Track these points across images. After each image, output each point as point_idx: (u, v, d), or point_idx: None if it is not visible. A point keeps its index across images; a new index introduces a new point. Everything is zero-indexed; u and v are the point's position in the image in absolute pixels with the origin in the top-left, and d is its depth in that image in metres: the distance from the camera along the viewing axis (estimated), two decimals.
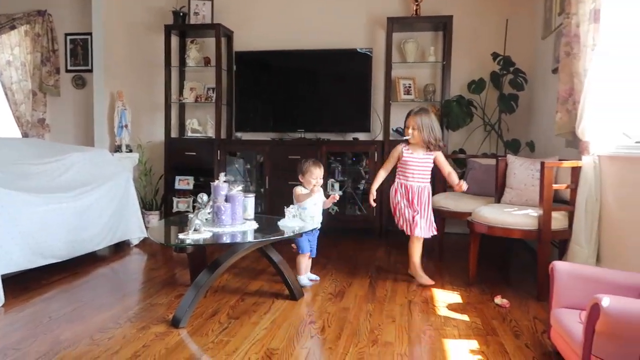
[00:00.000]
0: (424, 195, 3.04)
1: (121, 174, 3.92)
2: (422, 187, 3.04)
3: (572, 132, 2.92)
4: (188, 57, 4.99)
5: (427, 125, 2.99)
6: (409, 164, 3.05)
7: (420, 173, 3.05)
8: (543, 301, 2.67)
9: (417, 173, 3.04)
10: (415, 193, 3.03)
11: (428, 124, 2.99)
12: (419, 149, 3.05)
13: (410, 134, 3.02)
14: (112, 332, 2.26)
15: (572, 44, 2.90)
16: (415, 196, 3.03)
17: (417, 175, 3.04)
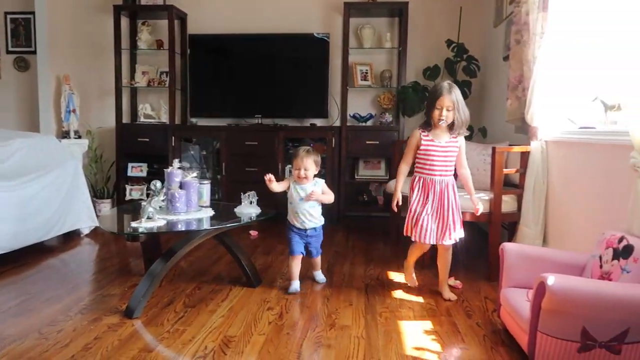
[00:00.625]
0: (450, 192, 2.50)
1: (69, 161, 3.76)
2: (447, 181, 2.50)
3: (522, 118, 3.02)
4: (139, 40, 4.81)
5: (462, 103, 2.46)
6: (431, 152, 2.47)
7: (444, 163, 2.48)
8: (493, 282, 2.77)
9: (441, 164, 2.47)
10: (439, 189, 2.48)
11: (462, 101, 2.47)
12: (442, 134, 2.48)
13: (444, 117, 2.42)
14: (61, 325, 2.18)
15: (522, 32, 2.98)
16: (438, 194, 2.48)
17: (440, 166, 2.47)
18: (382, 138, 4.46)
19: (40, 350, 1.94)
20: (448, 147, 2.48)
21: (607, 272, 1.86)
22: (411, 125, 4.64)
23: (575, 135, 2.61)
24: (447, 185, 2.50)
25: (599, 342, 1.69)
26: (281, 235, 3.93)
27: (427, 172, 2.49)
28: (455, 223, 2.49)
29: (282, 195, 4.62)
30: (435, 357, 1.91)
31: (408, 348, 1.98)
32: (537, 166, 2.84)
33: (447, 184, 2.50)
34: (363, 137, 4.48)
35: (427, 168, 2.49)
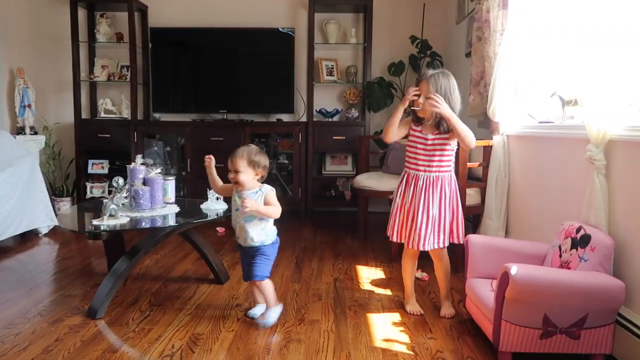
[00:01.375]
0: (436, 191, 2.21)
1: (25, 158, 3.61)
2: (433, 177, 2.21)
3: (484, 113, 3.09)
4: (98, 32, 4.66)
5: (449, 93, 2.17)
6: (416, 145, 2.24)
7: (429, 159, 2.21)
8: (459, 273, 2.83)
9: (425, 158, 2.22)
10: (421, 186, 2.22)
11: (450, 91, 2.18)
12: (430, 127, 2.23)
13: (420, 104, 2.18)
14: (19, 327, 2.09)
15: (483, 28, 3.05)
16: (421, 191, 2.21)
17: (425, 161, 2.22)
18: (348, 133, 4.48)
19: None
20: (434, 141, 2.21)
21: (566, 261, 1.93)
22: (377, 121, 4.68)
23: (535, 129, 2.69)
24: (434, 182, 2.21)
25: (559, 328, 1.76)
26: None
27: (412, 167, 2.25)
28: (441, 226, 2.22)
29: None
30: (404, 348, 1.94)
31: (377, 340, 2.00)
32: (499, 160, 2.92)
33: (432, 181, 2.21)
34: (329, 133, 4.49)
35: (412, 162, 2.26)
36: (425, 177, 2.22)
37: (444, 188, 2.22)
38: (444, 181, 2.22)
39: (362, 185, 3.67)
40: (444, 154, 2.22)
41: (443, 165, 2.22)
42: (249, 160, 2.07)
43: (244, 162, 2.07)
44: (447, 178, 2.23)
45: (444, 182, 2.22)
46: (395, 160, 3.85)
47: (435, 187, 2.21)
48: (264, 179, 2.15)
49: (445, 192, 2.22)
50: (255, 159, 2.08)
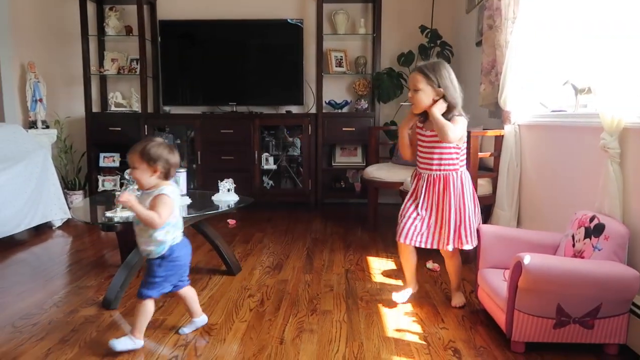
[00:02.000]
0: (439, 189, 2.13)
1: (38, 152, 3.65)
2: (437, 176, 2.14)
3: (495, 102, 3.07)
4: (107, 26, 4.67)
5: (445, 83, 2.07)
6: (419, 143, 2.19)
7: (428, 156, 2.15)
8: (470, 263, 2.83)
9: (425, 156, 2.16)
10: (424, 185, 2.17)
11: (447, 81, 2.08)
12: (430, 123, 2.12)
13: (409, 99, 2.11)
14: (36, 318, 2.13)
15: (494, 17, 3.02)
16: (425, 190, 2.16)
17: (425, 159, 2.17)
18: (358, 124, 4.47)
19: (15, 344, 1.89)
20: (432, 138, 2.12)
21: (579, 251, 1.92)
22: (386, 112, 4.67)
23: (547, 118, 2.67)
24: (436, 181, 2.14)
25: (573, 318, 1.75)
26: (259, 223, 3.93)
27: (418, 165, 2.21)
28: (450, 228, 2.13)
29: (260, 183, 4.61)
30: (416, 338, 1.94)
31: (389, 330, 2.01)
32: (510, 149, 2.90)
33: (435, 180, 2.14)
34: (339, 124, 4.48)
35: (418, 161, 2.21)
36: (427, 176, 2.16)
37: (448, 188, 2.12)
38: (448, 180, 2.12)
39: (372, 177, 3.67)
40: (443, 151, 2.11)
41: (444, 163, 2.12)
42: (142, 154, 1.78)
43: (137, 156, 1.79)
44: (452, 177, 2.12)
45: (447, 182, 2.12)
46: None
47: (438, 187, 2.13)
48: (170, 177, 1.85)
49: (450, 192, 2.12)
50: (150, 152, 1.77)
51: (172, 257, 1.84)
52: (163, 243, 1.82)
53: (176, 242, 1.86)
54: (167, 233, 1.82)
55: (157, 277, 1.84)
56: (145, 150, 1.77)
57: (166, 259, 1.84)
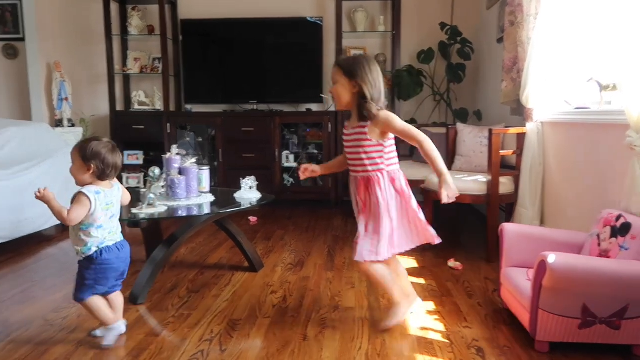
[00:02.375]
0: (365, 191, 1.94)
1: (64, 150, 3.72)
2: (362, 178, 1.94)
3: (517, 100, 3.04)
4: (130, 25, 4.75)
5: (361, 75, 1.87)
6: (344, 142, 2.01)
7: (352, 156, 1.96)
8: (492, 262, 2.82)
9: (350, 157, 1.98)
10: (354, 189, 2.00)
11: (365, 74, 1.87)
12: (352, 119, 1.97)
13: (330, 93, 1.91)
14: (66, 311, 2.19)
15: (516, 13, 2.99)
16: (358, 194, 1.98)
17: (350, 159, 1.98)
18: None
19: (46, 336, 1.95)
20: (355, 135, 1.93)
21: (605, 250, 1.90)
22: (406, 109, 4.65)
23: (571, 116, 2.63)
24: (362, 183, 1.94)
25: (599, 319, 1.74)
26: (280, 221, 3.96)
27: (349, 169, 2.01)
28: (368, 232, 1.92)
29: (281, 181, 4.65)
30: (439, 336, 1.95)
31: (412, 328, 2.02)
32: (533, 147, 2.87)
33: (361, 180, 1.94)
34: None
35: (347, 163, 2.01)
36: (354, 178, 1.98)
37: (374, 190, 1.90)
38: (373, 182, 1.91)
39: None
40: (365, 150, 1.90)
41: (366, 164, 1.91)
42: (79, 150, 1.79)
43: (75, 151, 1.81)
44: (376, 179, 1.90)
45: (372, 183, 1.91)
46: None
47: (364, 189, 1.93)
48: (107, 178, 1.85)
49: (375, 194, 1.90)
50: (87, 150, 1.78)
51: (101, 260, 1.82)
52: (86, 243, 1.81)
53: (106, 246, 1.83)
54: (90, 234, 1.80)
55: (87, 280, 1.84)
56: (83, 147, 1.78)
57: (94, 262, 1.82)
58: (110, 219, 1.85)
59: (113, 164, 1.82)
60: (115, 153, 1.83)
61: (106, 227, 1.84)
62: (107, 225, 1.85)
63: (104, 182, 1.84)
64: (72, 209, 1.75)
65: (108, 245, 1.84)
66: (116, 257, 1.85)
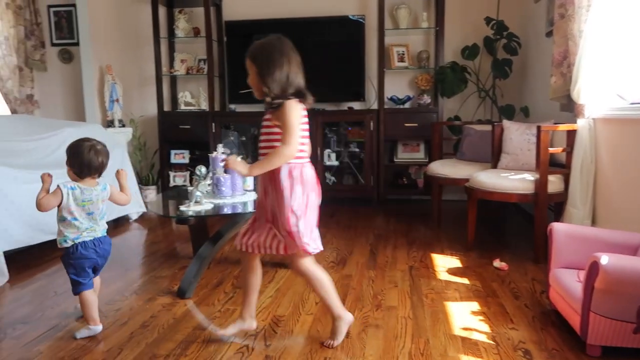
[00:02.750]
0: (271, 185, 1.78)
1: (115, 150, 3.87)
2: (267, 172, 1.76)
3: (567, 95, 2.93)
4: (177, 28, 4.89)
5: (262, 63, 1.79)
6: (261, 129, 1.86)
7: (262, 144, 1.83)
8: (540, 263, 2.74)
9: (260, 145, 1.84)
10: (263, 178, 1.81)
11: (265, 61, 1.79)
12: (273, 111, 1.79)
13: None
14: (119, 304, 2.29)
15: (566, 5, 2.89)
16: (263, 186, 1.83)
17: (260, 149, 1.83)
18: (420, 120, 4.41)
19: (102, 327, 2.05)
20: (264, 123, 1.82)
21: None
22: (450, 106, 4.58)
23: (626, 111, 2.52)
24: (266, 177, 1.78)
25: None
26: (322, 219, 3.97)
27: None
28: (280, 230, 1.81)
29: (322, 179, 4.65)
30: (484, 337, 1.92)
31: (456, 328, 1.99)
32: (584, 145, 2.77)
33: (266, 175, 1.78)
34: (401, 120, 4.45)
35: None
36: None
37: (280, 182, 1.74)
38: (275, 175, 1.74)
39: (436, 173, 3.62)
40: (268, 138, 1.79)
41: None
42: (67, 149, 1.98)
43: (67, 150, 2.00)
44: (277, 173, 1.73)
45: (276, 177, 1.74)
46: (470, 147, 3.76)
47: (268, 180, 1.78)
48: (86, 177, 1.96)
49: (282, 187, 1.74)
50: (69, 149, 1.96)
51: (77, 254, 1.95)
52: (63, 235, 1.94)
53: (82, 241, 1.95)
54: (66, 226, 1.94)
55: (71, 275, 1.98)
56: (68, 147, 1.96)
57: (71, 257, 1.95)
58: (88, 215, 1.97)
59: (87, 163, 1.93)
60: (91, 153, 1.94)
61: (82, 222, 1.96)
62: (84, 221, 1.97)
63: (86, 180, 1.97)
64: (45, 197, 1.93)
65: (84, 240, 1.96)
66: (93, 251, 1.98)
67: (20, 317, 2.18)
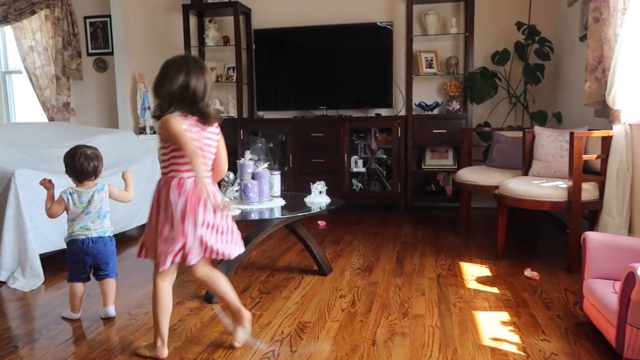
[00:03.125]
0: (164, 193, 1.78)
1: (146, 156, 3.98)
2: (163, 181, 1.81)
3: (602, 101, 2.86)
4: (207, 37, 4.98)
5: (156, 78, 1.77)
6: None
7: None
8: (573, 273, 2.66)
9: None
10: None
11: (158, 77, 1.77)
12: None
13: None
14: (147, 307, 2.32)
15: (601, 9, 2.82)
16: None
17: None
18: (449, 126, 4.37)
19: (131, 329, 2.09)
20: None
21: None
22: (480, 112, 4.51)
23: None
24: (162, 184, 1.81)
25: None
26: (349, 225, 3.98)
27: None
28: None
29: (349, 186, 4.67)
30: (514, 348, 1.87)
31: (485, 339, 1.95)
32: (620, 151, 2.68)
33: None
34: (429, 126, 4.41)
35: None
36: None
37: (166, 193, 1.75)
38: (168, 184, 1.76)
39: (465, 180, 3.57)
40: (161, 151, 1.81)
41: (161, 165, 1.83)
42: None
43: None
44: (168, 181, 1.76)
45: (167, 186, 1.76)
46: (500, 154, 3.69)
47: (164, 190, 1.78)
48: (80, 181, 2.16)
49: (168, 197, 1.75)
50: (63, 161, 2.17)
51: (69, 249, 2.16)
52: (68, 231, 2.16)
53: (73, 239, 2.14)
54: (67, 226, 2.16)
55: (67, 264, 2.19)
56: (63, 157, 2.15)
57: (67, 250, 2.18)
58: (86, 215, 2.14)
59: (80, 169, 2.13)
60: (82, 160, 2.12)
61: (79, 221, 2.14)
62: (81, 221, 2.14)
63: (85, 183, 2.17)
64: (51, 206, 2.14)
65: (75, 238, 2.14)
66: (79, 249, 2.14)
67: (55, 318, 2.24)
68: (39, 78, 5.52)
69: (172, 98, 1.73)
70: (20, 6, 5.40)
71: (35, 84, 5.53)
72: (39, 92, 5.52)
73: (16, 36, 5.55)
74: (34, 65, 5.51)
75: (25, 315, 2.31)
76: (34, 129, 3.69)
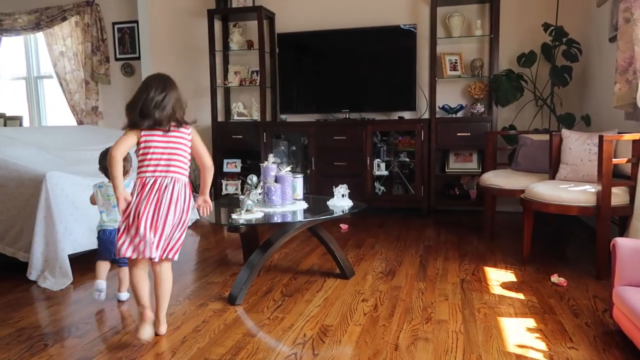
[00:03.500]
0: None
1: None
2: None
3: (633, 103, 2.79)
4: (231, 41, 5.04)
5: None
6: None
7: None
8: (602, 280, 2.60)
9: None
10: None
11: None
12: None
13: None
14: (172, 308, 2.36)
15: (632, 9, 2.75)
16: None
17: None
18: (473, 129, 4.31)
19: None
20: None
21: None
22: (505, 115, 4.45)
23: None
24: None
25: None
26: (371, 229, 3.96)
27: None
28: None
29: (372, 189, 4.66)
30: (540, 355, 1.83)
31: (510, 345, 1.91)
32: None
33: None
34: (453, 129, 4.36)
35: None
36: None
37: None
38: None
39: (490, 184, 3.52)
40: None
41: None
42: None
43: None
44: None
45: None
46: (526, 157, 3.63)
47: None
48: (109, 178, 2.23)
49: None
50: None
51: (99, 237, 2.44)
52: (99, 221, 2.45)
53: (103, 229, 2.42)
54: (100, 215, 2.44)
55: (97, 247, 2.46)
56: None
57: (97, 238, 2.44)
58: (114, 207, 2.39)
59: (104, 167, 2.40)
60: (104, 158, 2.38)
61: (108, 213, 2.43)
62: (109, 213, 2.43)
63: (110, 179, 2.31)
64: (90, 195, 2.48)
65: (104, 228, 2.42)
66: (107, 239, 2.40)
67: (83, 317, 2.29)
68: (69, 83, 5.67)
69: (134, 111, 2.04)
70: (52, 13, 5.57)
71: (65, 89, 5.69)
72: (69, 96, 5.68)
73: (47, 42, 5.72)
74: (64, 70, 5.67)
75: (54, 314, 2.37)
76: (64, 132, 3.80)
